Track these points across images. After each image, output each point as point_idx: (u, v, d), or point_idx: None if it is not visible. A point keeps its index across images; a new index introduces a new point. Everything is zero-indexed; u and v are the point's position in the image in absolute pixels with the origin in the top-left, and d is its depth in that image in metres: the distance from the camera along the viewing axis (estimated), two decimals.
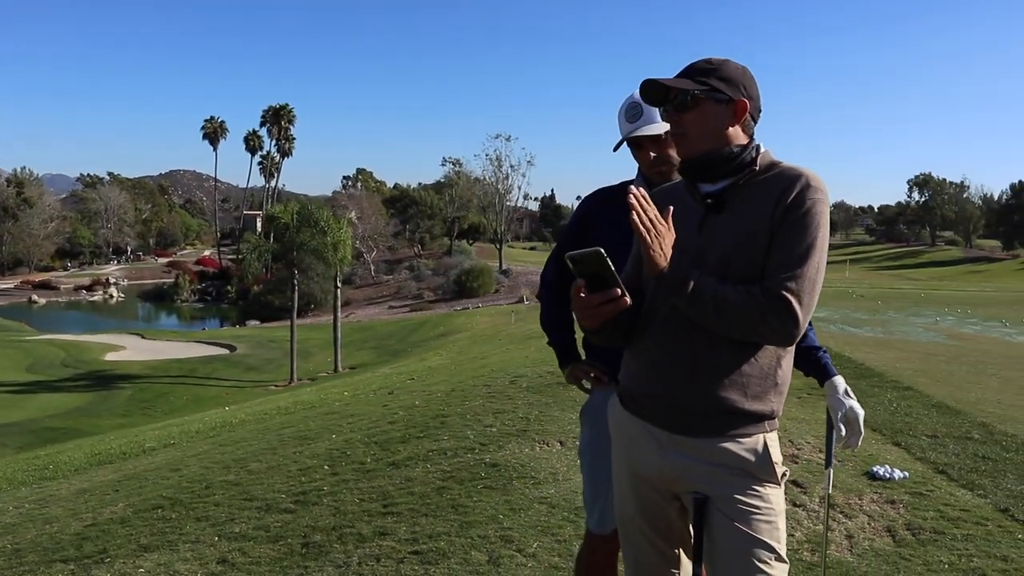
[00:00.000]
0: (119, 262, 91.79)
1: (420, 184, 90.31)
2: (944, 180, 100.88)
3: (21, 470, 9.20)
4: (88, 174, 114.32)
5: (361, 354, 36.76)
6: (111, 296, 70.70)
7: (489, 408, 7.17)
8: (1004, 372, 9.68)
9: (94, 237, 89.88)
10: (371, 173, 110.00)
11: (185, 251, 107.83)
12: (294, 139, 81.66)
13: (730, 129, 1.88)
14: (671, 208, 1.71)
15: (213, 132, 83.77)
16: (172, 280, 73.01)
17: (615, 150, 2.47)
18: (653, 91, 1.93)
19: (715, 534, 1.81)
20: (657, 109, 2.23)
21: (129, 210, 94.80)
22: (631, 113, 2.39)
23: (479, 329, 37.57)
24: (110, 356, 37.17)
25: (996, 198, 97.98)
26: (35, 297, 66.79)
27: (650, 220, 1.73)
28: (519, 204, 74.35)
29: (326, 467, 5.69)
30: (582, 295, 1.77)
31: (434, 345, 34.46)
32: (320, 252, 31.72)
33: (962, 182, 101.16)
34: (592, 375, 2.56)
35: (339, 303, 36.52)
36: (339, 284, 36.98)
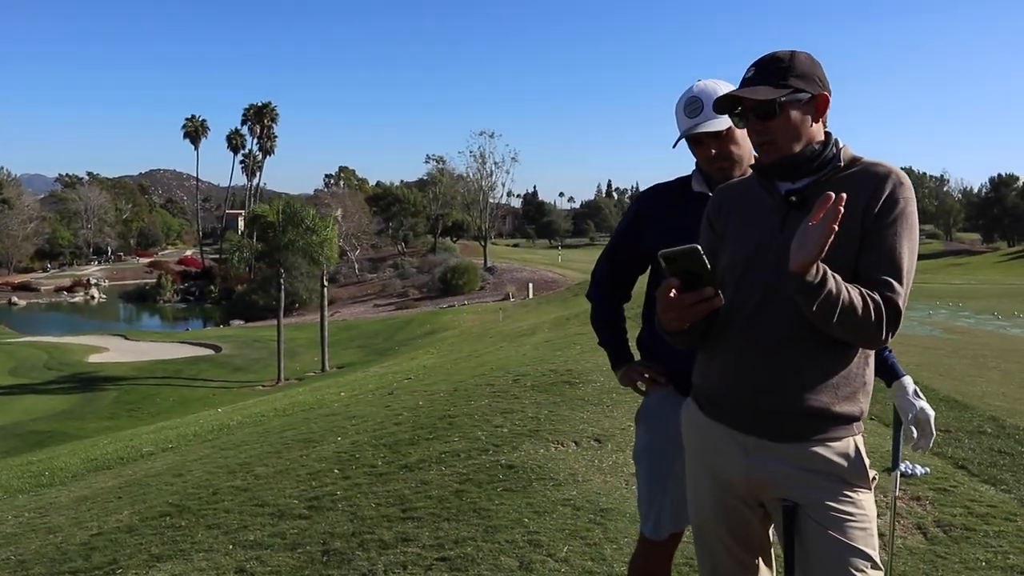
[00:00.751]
0: (100, 263, 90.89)
1: (403, 182, 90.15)
2: (924, 174, 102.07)
3: (16, 477, 9.01)
4: (67, 174, 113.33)
5: (348, 353, 36.59)
6: (92, 297, 69.99)
7: (496, 408, 7.08)
8: (1004, 365, 9.71)
9: (74, 238, 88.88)
10: (353, 171, 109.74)
11: (167, 251, 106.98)
12: (276, 138, 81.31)
13: (813, 125, 1.80)
14: (843, 196, 1.57)
15: (194, 131, 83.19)
16: (154, 280, 72.40)
17: (674, 146, 2.37)
18: (727, 102, 1.84)
19: (808, 543, 1.74)
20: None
21: (109, 210, 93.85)
22: (691, 108, 2.28)
23: (467, 327, 37.52)
24: (93, 358, 36.81)
25: (975, 191, 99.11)
26: (15, 299, 66.01)
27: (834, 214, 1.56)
28: (503, 201, 74.37)
29: (336, 471, 5.58)
30: (673, 294, 1.68)
31: (422, 343, 34.37)
32: (308, 251, 31.49)
33: (942, 176, 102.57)
34: (647, 376, 2.47)
35: (326, 302, 36.30)
36: (326, 283, 36.74)
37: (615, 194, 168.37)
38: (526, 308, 41.78)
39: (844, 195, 1.55)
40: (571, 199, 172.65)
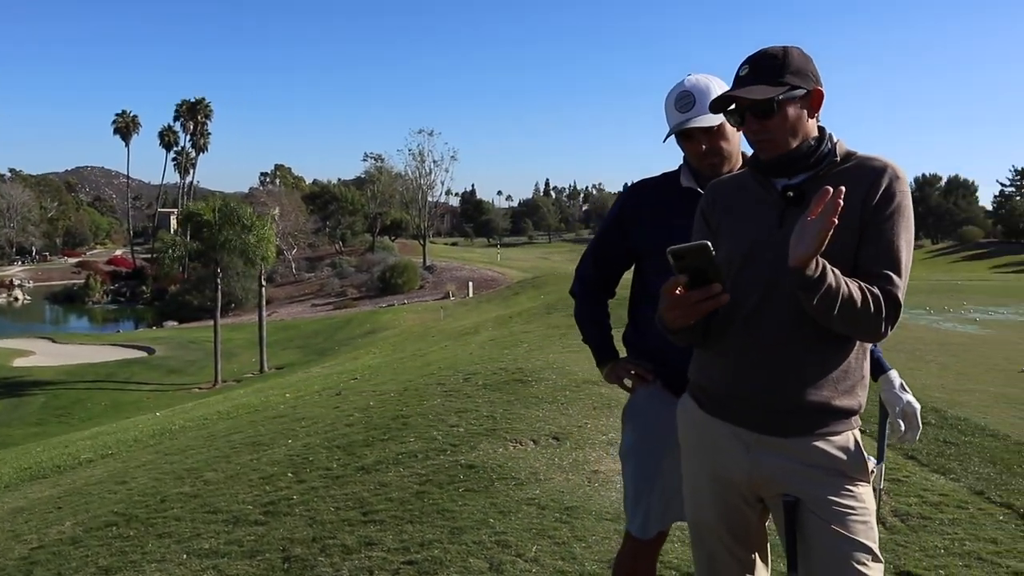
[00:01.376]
0: (24, 263, 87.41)
1: (340, 180, 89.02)
2: None
3: None
4: None
5: (287, 354, 35.98)
6: (16, 299, 67.28)
7: (450, 407, 7.00)
8: (940, 358, 10.03)
9: None
10: (290, 169, 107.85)
11: (95, 251, 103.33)
12: (210, 134, 79.49)
13: (809, 121, 1.80)
14: (842, 190, 1.56)
15: (125, 127, 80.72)
16: (82, 281, 69.91)
17: (664, 141, 2.34)
18: (723, 102, 1.83)
19: (810, 538, 1.74)
20: (710, 97, 2.14)
21: (33, 208, 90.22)
22: (682, 103, 2.26)
23: (407, 326, 37.24)
24: (19, 362, 35.35)
25: None
26: None
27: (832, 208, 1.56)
28: (441, 200, 74.09)
29: (290, 474, 5.44)
30: (679, 291, 1.66)
31: (363, 343, 34.00)
32: (245, 251, 30.81)
33: None
34: (634, 373, 2.44)
35: (264, 302, 35.62)
36: (264, 282, 36.06)
37: (553, 192, 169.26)
38: (467, 307, 41.66)
39: (843, 189, 1.55)
40: (509, 198, 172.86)
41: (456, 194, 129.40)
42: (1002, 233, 74.53)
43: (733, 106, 1.82)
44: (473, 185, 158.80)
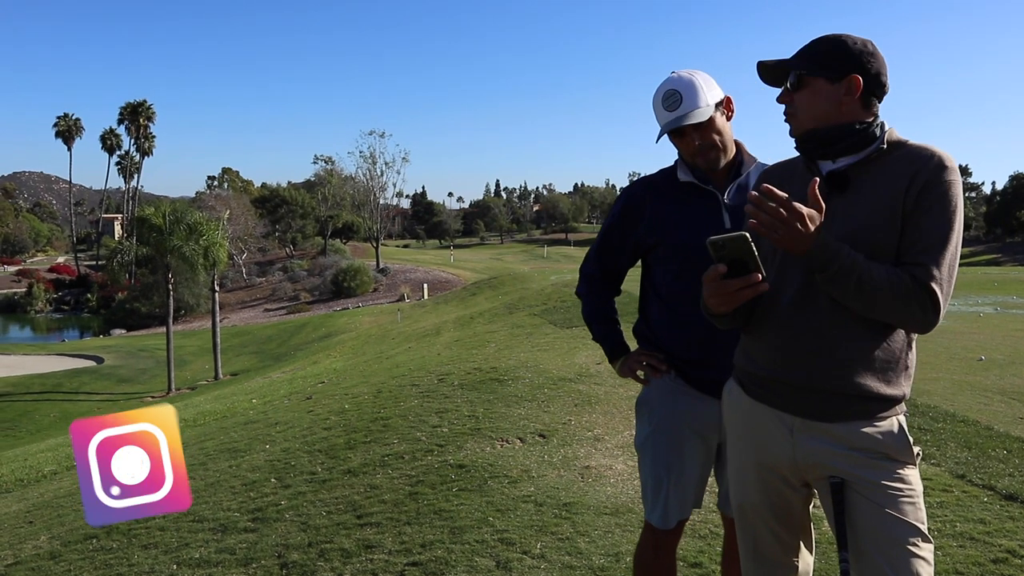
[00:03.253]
0: None
1: (290, 183, 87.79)
2: None
3: None
4: None
5: (241, 360, 35.34)
6: None
7: (429, 408, 6.95)
8: None
9: None
10: (238, 172, 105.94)
11: (36, 258, 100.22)
12: (154, 137, 77.50)
13: (845, 106, 1.82)
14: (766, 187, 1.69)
15: (67, 130, 78.26)
16: (24, 290, 67.73)
17: (657, 141, 2.37)
18: (763, 71, 1.90)
19: (861, 520, 1.76)
20: (697, 95, 2.24)
21: None
22: (669, 101, 2.30)
23: (364, 329, 36.85)
24: None
25: None
26: None
27: (775, 209, 1.64)
28: (393, 202, 73.65)
29: (273, 480, 5.34)
30: (719, 280, 1.69)
31: (319, 347, 33.56)
32: (195, 256, 30.15)
33: None
34: (646, 364, 2.45)
35: (217, 307, 34.96)
36: (216, 288, 35.38)
37: (504, 193, 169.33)
38: (423, 309, 41.39)
39: (765, 186, 1.66)
40: (460, 199, 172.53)
41: (407, 196, 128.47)
42: None
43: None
44: (424, 187, 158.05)
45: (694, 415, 2.36)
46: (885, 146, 1.80)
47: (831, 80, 1.81)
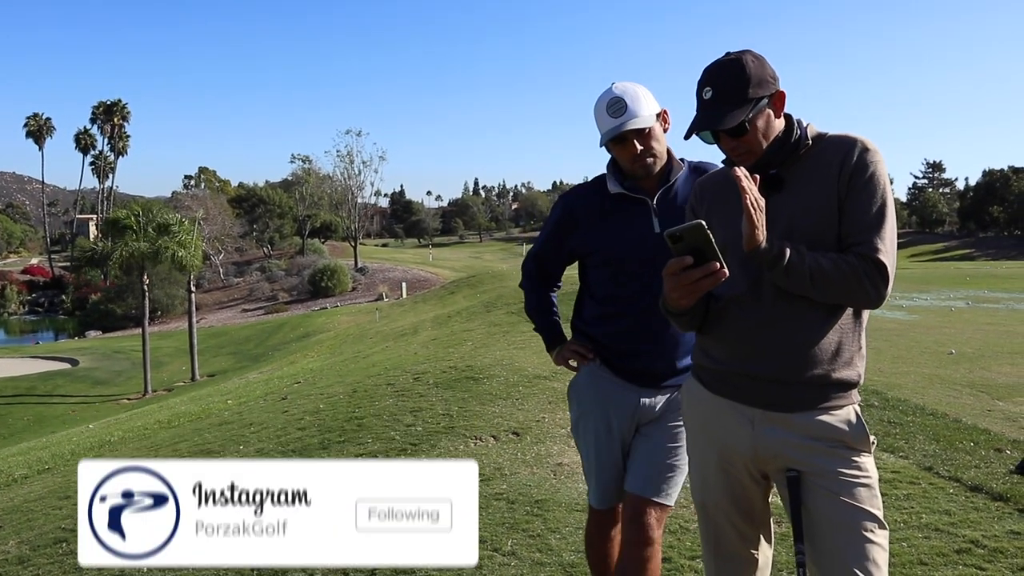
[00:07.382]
0: None
1: (268, 182, 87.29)
2: None
3: None
4: None
5: (218, 360, 35.10)
6: None
7: (404, 407, 6.95)
8: (874, 344, 10.36)
9: None
10: (214, 172, 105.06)
11: (9, 260, 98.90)
12: (129, 137, 76.83)
13: (777, 120, 1.88)
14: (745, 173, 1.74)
15: (38, 130, 77.22)
16: None
17: (601, 145, 2.46)
18: (696, 129, 1.90)
19: (816, 510, 1.79)
20: (640, 103, 2.31)
21: None
22: (614, 108, 2.36)
23: (342, 329, 36.72)
24: None
25: None
26: None
27: (755, 198, 1.69)
28: (371, 201, 73.36)
29: None
30: (679, 273, 1.71)
31: (297, 347, 33.41)
32: (171, 256, 29.89)
33: None
34: (576, 352, 2.60)
35: (194, 308, 34.70)
36: (193, 288, 35.11)
37: (482, 192, 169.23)
38: (402, 308, 41.31)
39: (744, 171, 1.70)
40: (439, 197, 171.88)
41: (385, 195, 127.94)
42: (916, 224, 77.72)
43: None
44: (402, 185, 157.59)
45: (612, 400, 2.51)
46: (810, 142, 1.86)
47: (765, 107, 1.85)
